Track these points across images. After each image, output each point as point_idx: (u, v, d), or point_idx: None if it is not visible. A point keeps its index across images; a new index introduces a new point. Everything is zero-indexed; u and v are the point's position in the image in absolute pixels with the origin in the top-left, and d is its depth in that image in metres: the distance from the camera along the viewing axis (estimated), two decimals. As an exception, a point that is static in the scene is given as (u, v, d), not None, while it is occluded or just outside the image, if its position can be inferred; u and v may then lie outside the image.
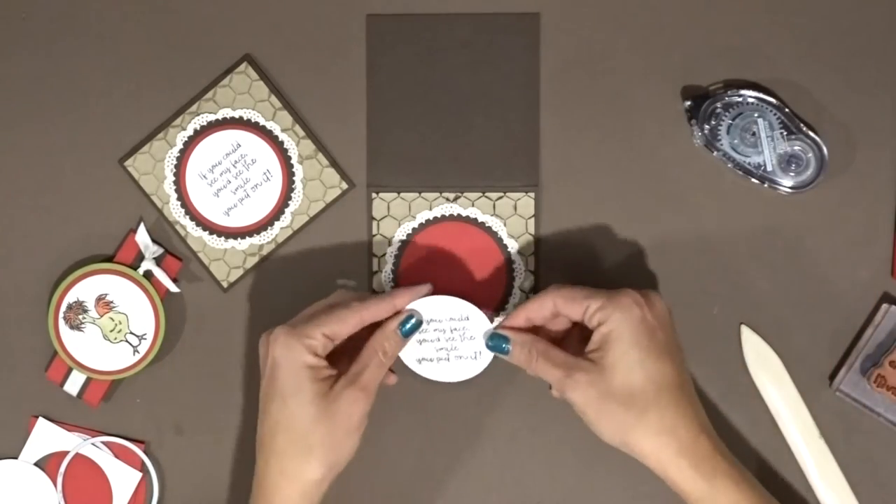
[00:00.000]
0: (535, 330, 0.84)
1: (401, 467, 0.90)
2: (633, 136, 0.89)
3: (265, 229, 0.90)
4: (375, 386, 0.81)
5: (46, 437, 0.89)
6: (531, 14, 0.89)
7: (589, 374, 0.79)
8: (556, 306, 0.82)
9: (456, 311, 0.84)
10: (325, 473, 0.80)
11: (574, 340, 0.84)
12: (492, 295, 0.89)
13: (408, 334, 0.83)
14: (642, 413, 0.78)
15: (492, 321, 0.84)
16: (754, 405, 0.88)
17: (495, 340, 0.83)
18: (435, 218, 0.89)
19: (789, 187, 0.87)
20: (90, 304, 0.88)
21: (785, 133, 0.87)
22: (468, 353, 0.84)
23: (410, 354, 0.85)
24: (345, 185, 0.90)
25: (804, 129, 0.87)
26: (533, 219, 0.89)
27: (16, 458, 0.89)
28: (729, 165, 0.88)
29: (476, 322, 0.84)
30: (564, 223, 0.89)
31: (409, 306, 0.83)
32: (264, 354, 0.81)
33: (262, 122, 0.89)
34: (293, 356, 0.79)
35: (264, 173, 0.89)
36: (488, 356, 0.84)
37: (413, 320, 0.83)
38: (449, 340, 0.84)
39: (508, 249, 0.89)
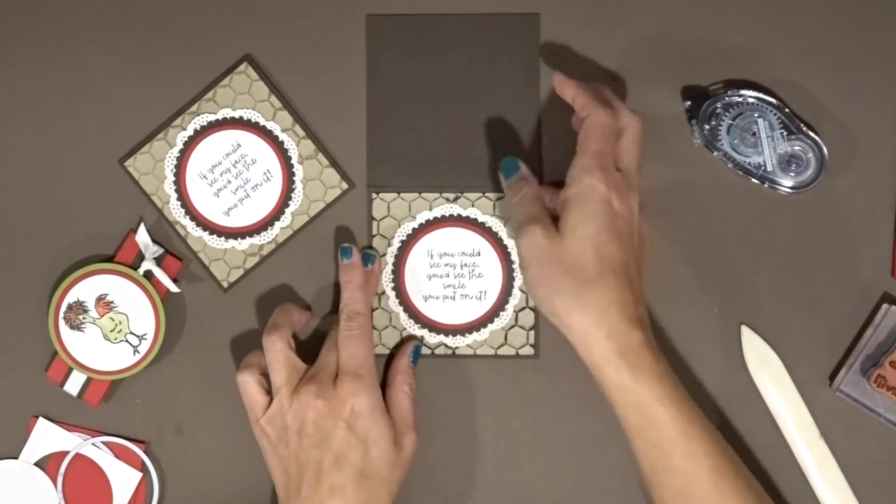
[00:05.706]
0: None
1: (401, 467, 0.90)
2: (633, 136, 0.89)
3: (265, 229, 0.90)
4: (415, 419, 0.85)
5: (46, 437, 0.89)
6: (531, 14, 0.89)
7: (548, 230, 0.79)
8: (576, 105, 0.83)
9: (469, 245, 0.87)
10: None
11: None
12: (491, 295, 0.89)
13: (416, 361, 0.87)
14: (580, 284, 0.78)
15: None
16: (754, 405, 0.88)
17: (508, 164, 0.85)
18: (435, 218, 0.89)
19: (789, 187, 0.87)
20: (90, 305, 0.88)
21: (785, 133, 0.87)
22: (474, 293, 0.87)
23: (417, 291, 0.88)
24: (345, 185, 0.90)
25: (804, 129, 0.87)
26: (533, 219, 0.89)
27: (16, 458, 0.89)
28: (729, 165, 0.88)
29: (487, 258, 0.87)
30: (564, 223, 0.89)
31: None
32: (332, 398, 0.82)
33: (262, 122, 0.89)
34: (375, 403, 0.82)
35: (264, 173, 0.89)
36: (492, 298, 0.87)
37: (415, 348, 0.87)
38: (458, 277, 0.87)
39: (508, 249, 0.89)
